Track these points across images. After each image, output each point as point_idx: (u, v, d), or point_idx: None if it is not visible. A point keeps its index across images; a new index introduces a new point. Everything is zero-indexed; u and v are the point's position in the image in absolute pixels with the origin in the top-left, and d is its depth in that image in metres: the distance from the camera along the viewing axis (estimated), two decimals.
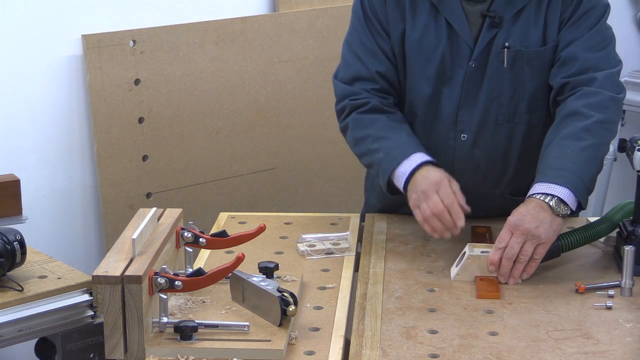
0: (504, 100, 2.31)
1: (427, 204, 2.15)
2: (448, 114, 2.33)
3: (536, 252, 2.06)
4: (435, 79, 2.31)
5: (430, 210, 2.15)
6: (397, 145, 2.26)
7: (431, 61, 2.30)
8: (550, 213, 2.07)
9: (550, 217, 2.07)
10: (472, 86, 2.30)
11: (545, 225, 2.06)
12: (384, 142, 2.28)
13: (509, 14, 2.26)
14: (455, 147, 2.35)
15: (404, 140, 2.28)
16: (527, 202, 2.11)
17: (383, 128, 2.30)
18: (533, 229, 2.05)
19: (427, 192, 2.16)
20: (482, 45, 2.27)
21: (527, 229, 2.05)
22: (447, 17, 2.27)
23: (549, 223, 2.06)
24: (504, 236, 2.07)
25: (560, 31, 2.27)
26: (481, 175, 2.38)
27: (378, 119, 2.31)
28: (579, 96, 2.22)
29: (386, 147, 2.27)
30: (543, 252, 2.07)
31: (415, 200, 2.18)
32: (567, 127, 2.19)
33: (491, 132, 2.33)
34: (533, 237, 2.05)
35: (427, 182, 2.18)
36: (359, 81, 2.35)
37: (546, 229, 2.06)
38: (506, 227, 2.08)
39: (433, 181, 2.17)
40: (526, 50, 2.27)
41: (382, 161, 2.27)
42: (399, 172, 2.23)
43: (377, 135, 2.29)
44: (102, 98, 3.01)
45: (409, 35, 2.30)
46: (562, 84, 2.26)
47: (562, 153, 2.15)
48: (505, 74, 2.28)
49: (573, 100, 2.22)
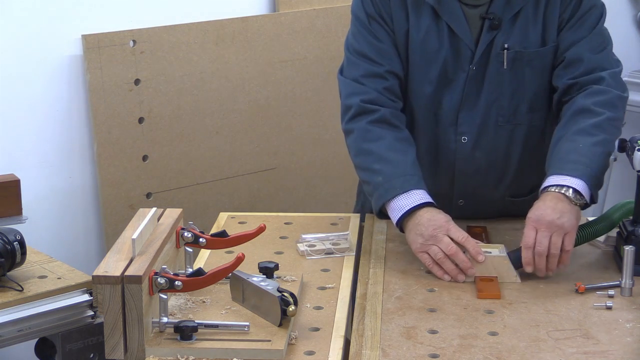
0: (505, 102, 2.31)
1: (438, 247, 2.10)
2: (448, 116, 2.32)
3: (565, 243, 2.06)
4: (436, 82, 2.30)
5: (442, 252, 2.10)
6: (398, 175, 2.20)
7: (433, 64, 2.29)
8: (568, 203, 2.08)
9: (569, 207, 2.07)
10: (473, 88, 2.30)
11: (566, 215, 2.06)
12: (386, 166, 2.21)
13: (507, 15, 2.25)
14: (456, 150, 2.34)
15: (406, 171, 2.21)
16: (543, 196, 2.10)
17: (388, 149, 2.23)
18: (556, 220, 2.05)
19: (437, 236, 2.11)
20: (482, 47, 2.26)
21: (550, 221, 2.05)
22: (447, 21, 2.26)
23: (569, 212, 2.06)
24: (529, 234, 2.06)
25: (561, 32, 2.27)
26: (482, 177, 2.38)
27: (385, 136, 2.25)
28: (588, 94, 2.22)
29: (387, 173, 2.20)
30: (571, 241, 2.06)
31: (422, 245, 2.12)
32: (578, 123, 2.19)
33: (492, 134, 2.33)
34: (558, 228, 2.05)
35: (434, 225, 2.12)
36: (369, 78, 2.29)
37: (569, 218, 2.06)
38: (529, 224, 2.07)
39: (440, 224, 2.12)
40: (526, 51, 2.26)
41: (379, 186, 2.21)
42: (395, 206, 2.18)
43: (381, 156, 2.23)
44: (102, 98, 3.01)
45: (412, 36, 2.29)
46: (569, 85, 2.25)
47: (575, 147, 2.15)
48: (505, 75, 2.28)
49: (582, 97, 2.22)
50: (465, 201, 2.41)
